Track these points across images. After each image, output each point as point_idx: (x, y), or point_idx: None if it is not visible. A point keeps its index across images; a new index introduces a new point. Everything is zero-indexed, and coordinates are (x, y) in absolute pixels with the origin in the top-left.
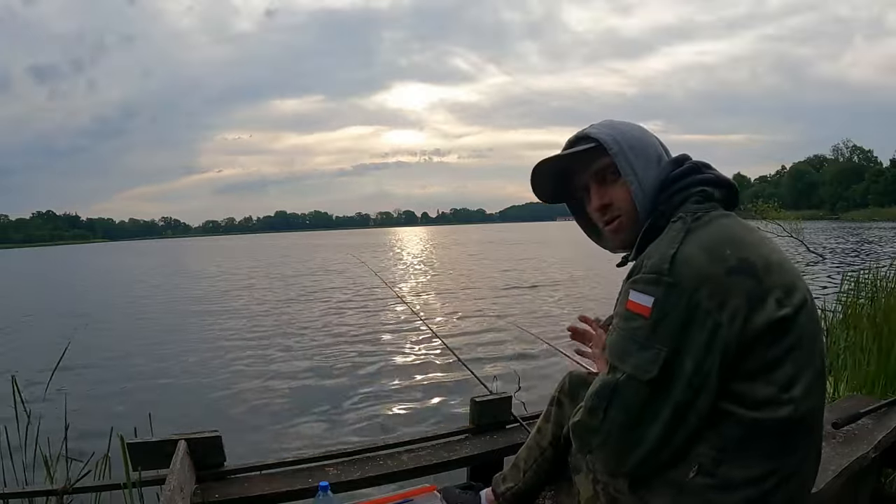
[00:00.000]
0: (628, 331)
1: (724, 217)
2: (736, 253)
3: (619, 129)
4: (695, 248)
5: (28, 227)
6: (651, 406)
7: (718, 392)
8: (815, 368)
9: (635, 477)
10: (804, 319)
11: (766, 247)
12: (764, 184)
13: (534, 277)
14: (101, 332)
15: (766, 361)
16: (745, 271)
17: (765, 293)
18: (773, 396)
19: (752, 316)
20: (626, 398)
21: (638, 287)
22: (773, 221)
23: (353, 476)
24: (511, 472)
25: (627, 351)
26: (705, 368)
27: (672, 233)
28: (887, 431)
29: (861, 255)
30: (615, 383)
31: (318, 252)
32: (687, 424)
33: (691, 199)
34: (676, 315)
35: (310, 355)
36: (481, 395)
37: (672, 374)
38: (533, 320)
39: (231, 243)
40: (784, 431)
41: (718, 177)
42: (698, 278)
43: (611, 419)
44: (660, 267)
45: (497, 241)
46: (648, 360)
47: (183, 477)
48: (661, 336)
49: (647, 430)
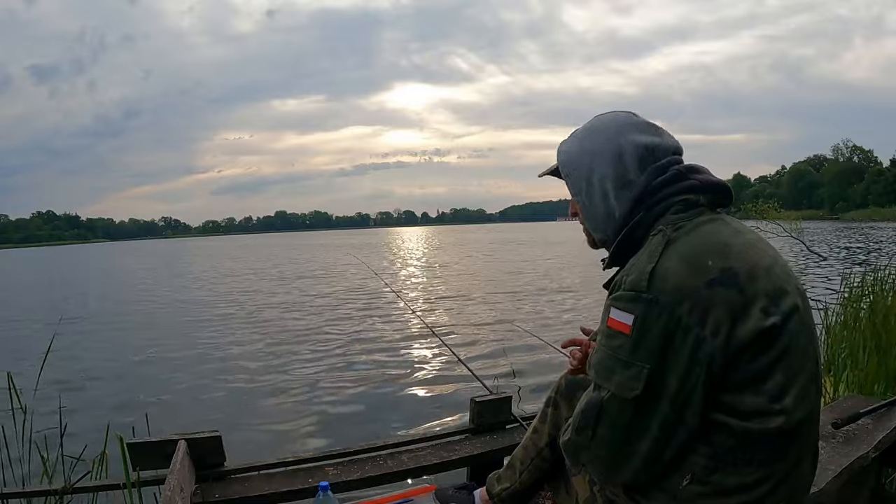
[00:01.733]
0: (610, 349)
1: (708, 223)
2: (718, 263)
3: (579, 148)
4: (674, 261)
5: (28, 227)
6: (638, 423)
7: (708, 404)
8: (809, 373)
9: (630, 484)
10: (794, 326)
11: (755, 250)
12: (764, 184)
13: (543, 279)
14: (101, 333)
15: (754, 372)
16: (727, 282)
17: (748, 303)
18: (764, 407)
19: (735, 328)
20: (612, 416)
21: (618, 305)
22: (773, 221)
23: (353, 476)
24: (506, 472)
25: (611, 369)
26: (689, 384)
27: (651, 247)
28: (887, 431)
29: (871, 255)
30: (601, 402)
31: (319, 252)
32: (676, 438)
33: (672, 208)
34: (657, 332)
35: (310, 355)
36: (481, 395)
37: (656, 391)
38: (533, 320)
39: (232, 243)
40: (776, 440)
41: (704, 181)
42: (678, 293)
43: (599, 437)
44: (638, 284)
45: (501, 241)
46: (631, 378)
47: (183, 477)
48: (643, 353)
49: (637, 446)
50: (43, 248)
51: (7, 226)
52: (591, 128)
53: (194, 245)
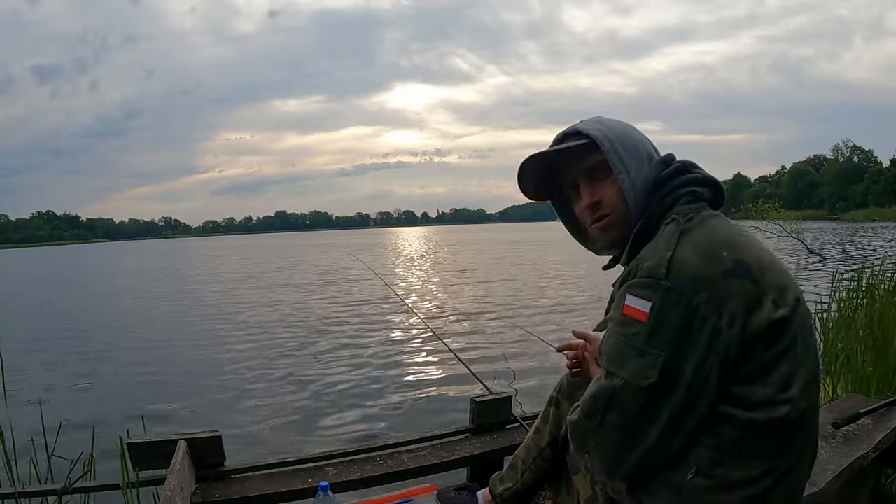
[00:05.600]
0: (625, 336)
1: (713, 217)
2: (731, 255)
3: (610, 126)
4: (690, 250)
5: (28, 227)
6: (649, 411)
7: (718, 394)
8: (810, 367)
9: (633, 478)
10: (798, 318)
11: (757, 247)
12: (764, 184)
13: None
14: (101, 333)
15: (764, 363)
16: (742, 273)
17: (761, 294)
18: (771, 397)
19: (750, 318)
20: (624, 403)
21: (634, 291)
22: (773, 221)
23: (353, 476)
24: (508, 472)
25: (625, 356)
26: (704, 372)
27: (666, 235)
28: (887, 431)
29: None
30: (613, 388)
31: (321, 252)
32: (685, 428)
33: (681, 199)
34: (675, 320)
35: (310, 355)
36: (481, 395)
37: (671, 379)
38: (533, 320)
39: (232, 243)
40: (782, 431)
41: (705, 176)
42: (696, 282)
43: (608, 423)
44: (657, 271)
45: (500, 241)
46: (647, 366)
47: (183, 477)
48: (660, 341)
49: (645, 434)
50: (43, 248)
51: (7, 226)
52: (620, 121)
53: (194, 245)
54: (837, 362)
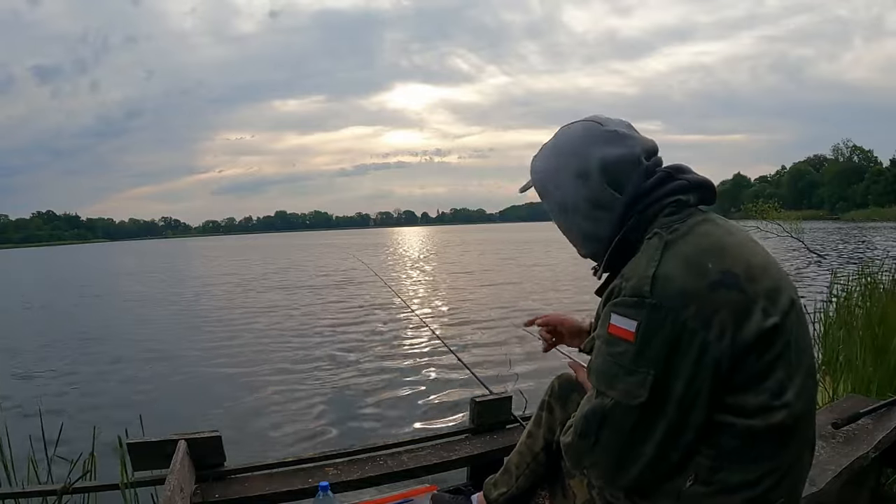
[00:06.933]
0: (613, 355)
1: (702, 223)
2: (717, 265)
3: (555, 166)
4: (675, 264)
5: (28, 227)
6: (642, 428)
7: (712, 405)
8: (806, 367)
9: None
10: (791, 323)
11: (749, 249)
12: (764, 184)
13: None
14: (101, 333)
15: (757, 371)
16: (729, 283)
17: (750, 304)
18: (767, 403)
19: (740, 329)
20: (617, 423)
21: (619, 310)
22: (773, 221)
23: (353, 476)
24: (503, 477)
25: (614, 376)
26: (695, 387)
27: (650, 250)
28: (887, 431)
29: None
30: (604, 408)
31: (320, 252)
32: (682, 441)
33: (665, 210)
34: (662, 337)
35: (310, 355)
36: (481, 395)
37: (662, 396)
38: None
39: (232, 243)
40: (780, 435)
41: (691, 180)
42: (682, 297)
43: (602, 443)
44: (640, 289)
45: (507, 241)
46: (636, 385)
47: (183, 477)
48: (648, 360)
49: (641, 450)
50: (43, 248)
51: (7, 226)
52: (557, 146)
53: (194, 245)
54: (837, 362)
